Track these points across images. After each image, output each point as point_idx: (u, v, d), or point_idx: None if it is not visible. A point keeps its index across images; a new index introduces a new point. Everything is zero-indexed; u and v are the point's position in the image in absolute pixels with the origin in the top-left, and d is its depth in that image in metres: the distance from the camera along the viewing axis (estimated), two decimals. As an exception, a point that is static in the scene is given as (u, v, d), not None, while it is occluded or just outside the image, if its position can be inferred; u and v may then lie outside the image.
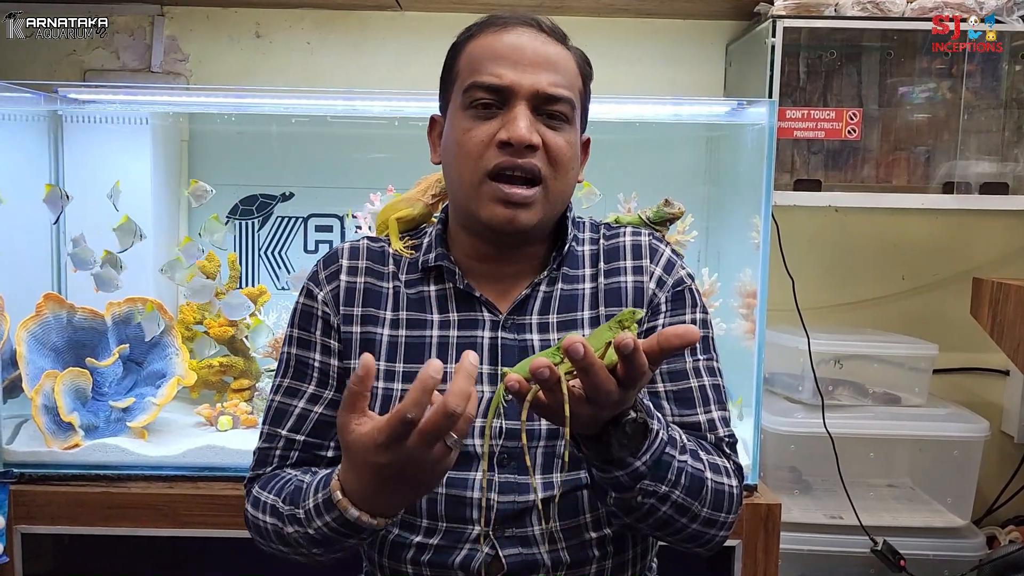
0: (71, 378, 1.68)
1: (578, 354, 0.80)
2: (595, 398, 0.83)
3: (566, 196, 1.11)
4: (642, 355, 0.81)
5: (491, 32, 1.07)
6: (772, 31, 1.88)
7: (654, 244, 1.17)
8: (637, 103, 1.87)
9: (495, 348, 1.10)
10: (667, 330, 0.82)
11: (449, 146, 1.09)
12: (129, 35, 2.14)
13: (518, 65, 1.03)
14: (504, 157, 1.03)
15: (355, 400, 0.85)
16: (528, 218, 1.05)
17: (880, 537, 1.89)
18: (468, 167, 1.05)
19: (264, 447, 1.13)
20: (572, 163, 1.08)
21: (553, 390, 0.83)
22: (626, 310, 0.89)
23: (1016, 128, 1.95)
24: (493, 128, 1.04)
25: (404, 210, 1.36)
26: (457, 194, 1.10)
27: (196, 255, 1.82)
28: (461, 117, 1.06)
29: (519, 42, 1.05)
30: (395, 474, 0.86)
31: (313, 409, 1.12)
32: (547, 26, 1.08)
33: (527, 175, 1.04)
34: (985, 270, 2.22)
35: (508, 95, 1.03)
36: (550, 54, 1.05)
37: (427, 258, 1.15)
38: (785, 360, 2.02)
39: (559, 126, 1.06)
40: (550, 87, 1.04)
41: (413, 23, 2.14)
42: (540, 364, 0.81)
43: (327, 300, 1.14)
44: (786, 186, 1.93)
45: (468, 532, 1.06)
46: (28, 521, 1.60)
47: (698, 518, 0.99)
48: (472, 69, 1.06)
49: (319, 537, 0.95)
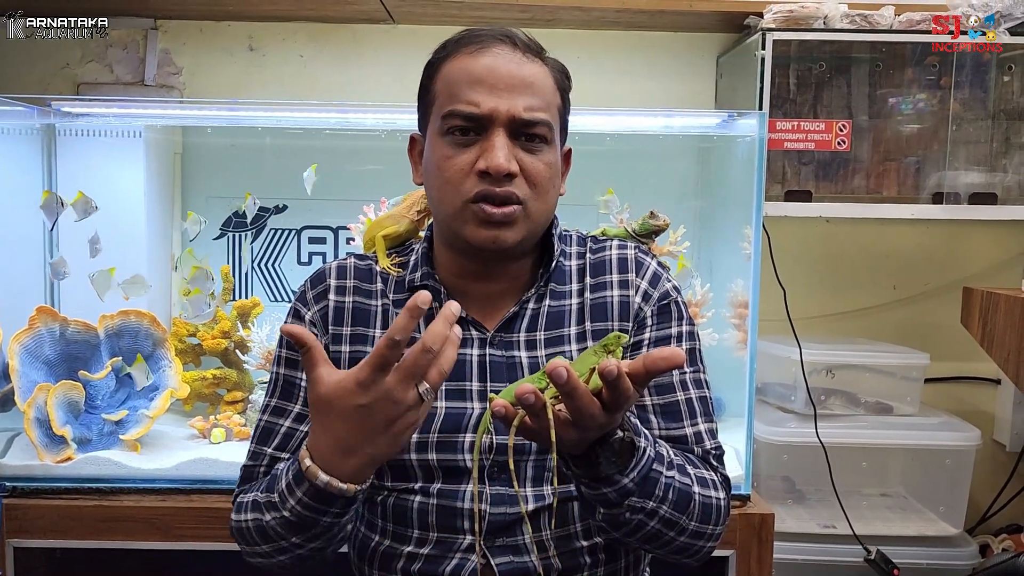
0: (64, 391, 1.67)
1: (561, 379, 0.80)
2: (580, 422, 0.84)
3: (548, 214, 1.11)
4: (626, 380, 0.82)
5: (466, 53, 1.06)
6: (762, 44, 1.90)
7: (640, 257, 1.17)
8: (628, 115, 1.88)
9: (483, 365, 1.11)
10: (653, 352, 0.83)
11: (430, 170, 1.09)
12: (123, 48, 2.15)
13: (494, 90, 1.03)
14: (483, 186, 1.03)
15: (312, 355, 0.88)
16: (511, 236, 1.06)
17: (873, 546, 1.90)
18: (449, 193, 1.06)
19: (250, 464, 1.14)
20: (552, 183, 1.09)
21: (539, 415, 0.84)
22: (611, 334, 0.90)
23: (1004, 139, 1.97)
24: (472, 156, 1.04)
25: (390, 227, 1.36)
26: (440, 216, 1.11)
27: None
28: (440, 144, 1.07)
29: (494, 65, 1.04)
30: (368, 421, 0.87)
31: (299, 428, 1.12)
32: (522, 42, 1.08)
33: (507, 200, 1.04)
34: (975, 280, 2.23)
35: (485, 122, 1.04)
36: (526, 75, 1.05)
37: (412, 277, 1.15)
38: (777, 370, 2.03)
39: (537, 148, 1.06)
40: (526, 112, 1.04)
41: (406, 36, 2.16)
42: (525, 390, 0.82)
43: (315, 320, 1.14)
44: (777, 197, 1.94)
45: (459, 542, 1.07)
46: (20, 535, 1.59)
47: (686, 531, 0.99)
48: (449, 94, 1.06)
49: (295, 519, 0.95)
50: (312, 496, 0.93)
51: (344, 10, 2.03)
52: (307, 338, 0.88)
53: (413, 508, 1.08)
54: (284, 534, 0.99)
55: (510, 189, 1.04)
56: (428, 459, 1.08)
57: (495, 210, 1.04)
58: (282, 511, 0.96)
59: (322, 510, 0.94)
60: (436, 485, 1.08)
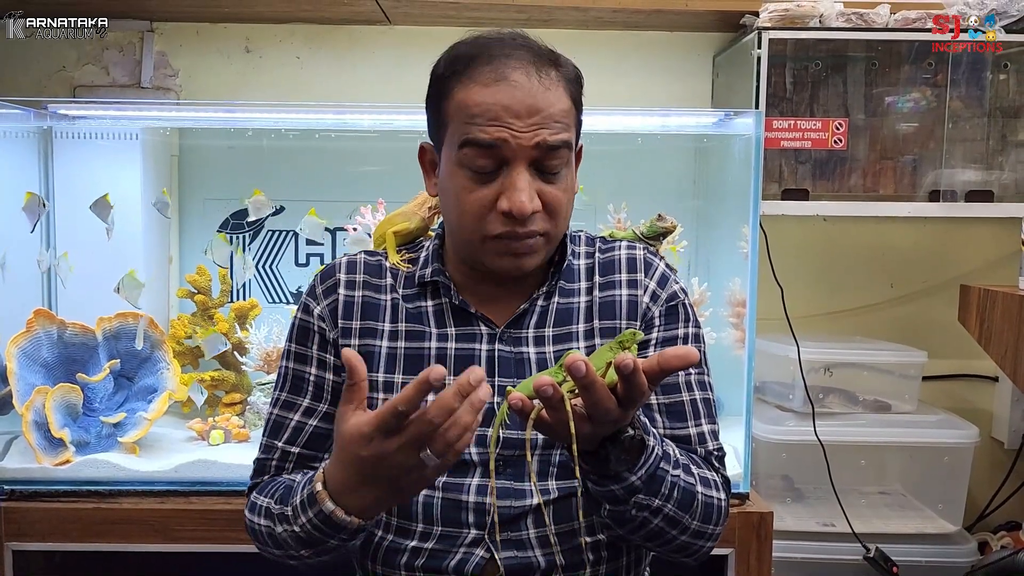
0: (62, 394, 1.67)
1: (580, 372, 0.82)
2: (595, 416, 0.86)
3: (565, 229, 1.13)
4: (642, 375, 0.84)
5: (482, 83, 1.02)
6: (758, 43, 1.90)
7: (649, 258, 1.18)
8: (625, 115, 1.88)
9: (492, 360, 1.11)
10: (668, 351, 0.85)
11: (448, 196, 1.08)
12: (119, 51, 2.14)
13: (515, 124, 1.00)
14: (507, 227, 1.03)
15: (351, 393, 0.89)
16: (532, 263, 1.08)
17: (872, 544, 1.90)
18: (469, 226, 1.06)
19: (262, 457, 1.16)
20: (570, 204, 1.09)
21: (556, 408, 0.85)
22: (627, 331, 0.91)
23: (1000, 136, 1.97)
24: (492, 193, 1.03)
25: (401, 224, 1.37)
26: (458, 241, 1.11)
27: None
28: (459, 174, 1.05)
29: (513, 96, 1.01)
30: (372, 471, 0.89)
31: (308, 422, 1.14)
32: (536, 55, 1.04)
33: (529, 237, 1.05)
34: (972, 277, 2.23)
35: (507, 158, 1.02)
36: (546, 103, 1.02)
37: (423, 273, 1.16)
38: (775, 369, 2.03)
39: (557, 176, 1.05)
40: (550, 137, 1.02)
41: (402, 37, 2.15)
42: (544, 383, 0.83)
43: (323, 315, 1.15)
44: (774, 196, 1.95)
45: (463, 536, 1.07)
46: (19, 538, 1.59)
47: (688, 530, 1.01)
48: (465, 124, 1.02)
49: (304, 536, 0.97)
50: (320, 520, 0.94)
51: (340, 11, 2.03)
52: (358, 373, 0.89)
53: (417, 502, 1.08)
54: (295, 547, 1.00)
55: (532, 228, 1.04)
56: None
57: (518, 244, 1.05)
58: (293, 526, 0.98)
59: (330, 534, 0.95)
60: (441, 479, 1.08)
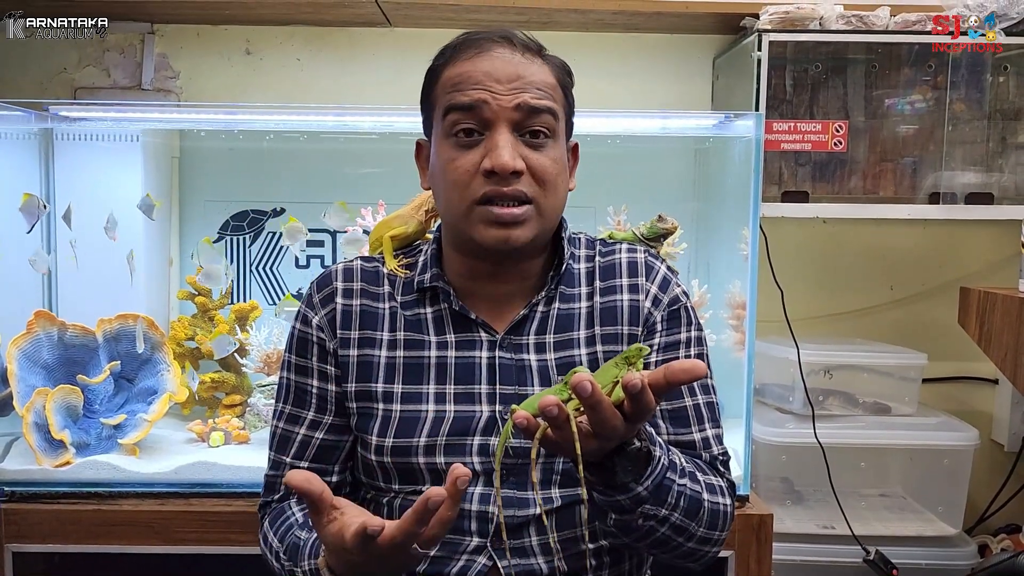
0: (62, 395, 1.67)
1: (586, 392, 0.81)
2: (601, 433, 0.85)
3: (558, 210, 1.11)
4: (649, 394, 0.83)
5: (466, 57, 1.06)
6: (758, 45, 1.90)
7: (650, 261, 1.17)
8: (626, 117, 1.88)
9: (492, 368, 1.11)
10: (674, 364, 0.84)
11: (436, 174, 1.09)
12: (120, 53, 2.15)
13: (496, 87, 1.03)
14: (491, 186, 1.03)
15: (315, 508, 0.89)
16: (522, 235, 1.05)
17: (872, 546, 1.90)
18: (457, 196, 1.06)
19: (271, 474, 1.17)
20: (560, 178, 1.08)
21: (562, 427, 0.84)
22: (633, 347, 0.89)
23: (1000, 139, 1.97)
24: (477, 156, 1.04)
25: (398, 228, 1.35)
26: (449, 219, 1.11)
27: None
28: (445, 146, 1.07)
29: (494, 65, 1.04)
30: (364, 566, 0.90)
31: (314, 435, 1.14)
32: (521, 42, 1.08)
33: (516, 199, 1.04)
34: (972, 279, 2.23)
35: (489, 119, 1.04)
36: (527, 72, 1.05)
37: (422, 278, 1.15)
38: (775, 371, 2.03)
39: (542, 144, 1.06)
40: (531, 99, 1.04)
41: (402, 39, 2.16)
42: (549, 403, 0.82)
43: (322, 325, 1.14)
44: (774, 198, 1.95)
45: (465, 544, 1.07)
46: (19, 540, 1.59)
47: (694, 537, 1.01)
48: (448, 94, 1.06)
49: None
50: None
51: (341, 13, 2.04)
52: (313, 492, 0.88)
53: None
54: None
55: (518, 187, 1.04)
56: (436, 462, 1.08)
57: (504, 211, 1.04)
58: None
59: None
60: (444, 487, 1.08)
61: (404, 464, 1.09)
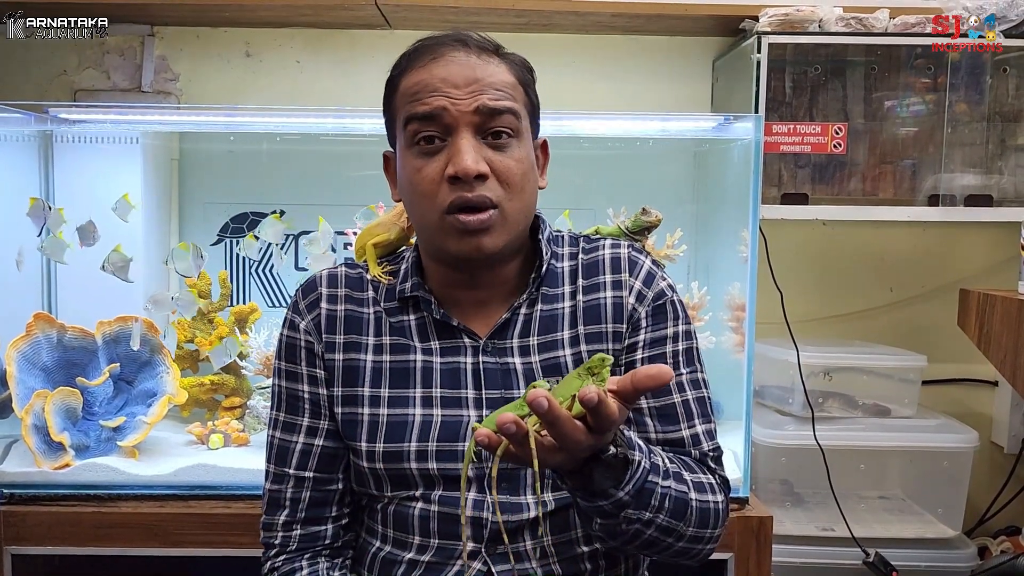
0: (61, 398, 1.67)
1: (542, 408, 0.79)
2: (566, 447, 0.83)
3: (527, 212, 1.09)
4: (608, 406, 0.81)
5: (421, 64, 1.06)
6: (757, 47, 1.90)
7: (634, 256, 1.15)
8: (625, 119, 1.88)
9: (478, 373, 1.10)
10: (640, 371, 0.83)
11: (404, 185, 1.09)
12: (119, 55, 2.15)
13: (454, 93, 1.03)
14: (456, 193, 1.02)
15: None
16: (491, 242, 1.04)
17: (872, 548, 1.90)
18: (425, 206, 1.05)
19: (274, 489, 1.14)
20: (526, 178, 1.07)
21: (522, 443, 0.82)
22: (595, 357, 0.86)
23: (1000, 141, 1.97)
24: (441, 164, 1.03)
25: (380, 235, 1.34)
26: (422, 231, 1.11)
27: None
28: (409, 156, 1.06)
29: (449, 69, 1.04)
30: None
31: (314, 443, 1.13)
32: (476, 42, 1.07)
33: (481, 205, 1.03)
34: (971, 281, 2.23)
35: (449, 125, 1.03)
36: (484, 73, 1.04)
37: (403, 287, 1.14)
38: (775, 373, 2.03)
39: (506, 144, 1.05)
40: (490, 101, 1.03)
41: (402, 41, 2.12)
42: (506, 420, 0.81)
43: (309, 329, 1.14)
44: (773, 200, 1.95)
45: (460, 549, 1.07)
46: (18, 542, 1.59)
47: (684, 537, 0.99)
48: (408, 104, 1.05)
49: None
50: None
51: (340, 16, 2.04)
52: None
53: (414, 515, 1.08)
54: None
55: (483, 193, 1.02)
56: (428, 468, 1.08)
57: (471, 218, 1.02)
58: None
59: None
60: (437, 492, 1.08)
61: (396, 470, 1.09)
